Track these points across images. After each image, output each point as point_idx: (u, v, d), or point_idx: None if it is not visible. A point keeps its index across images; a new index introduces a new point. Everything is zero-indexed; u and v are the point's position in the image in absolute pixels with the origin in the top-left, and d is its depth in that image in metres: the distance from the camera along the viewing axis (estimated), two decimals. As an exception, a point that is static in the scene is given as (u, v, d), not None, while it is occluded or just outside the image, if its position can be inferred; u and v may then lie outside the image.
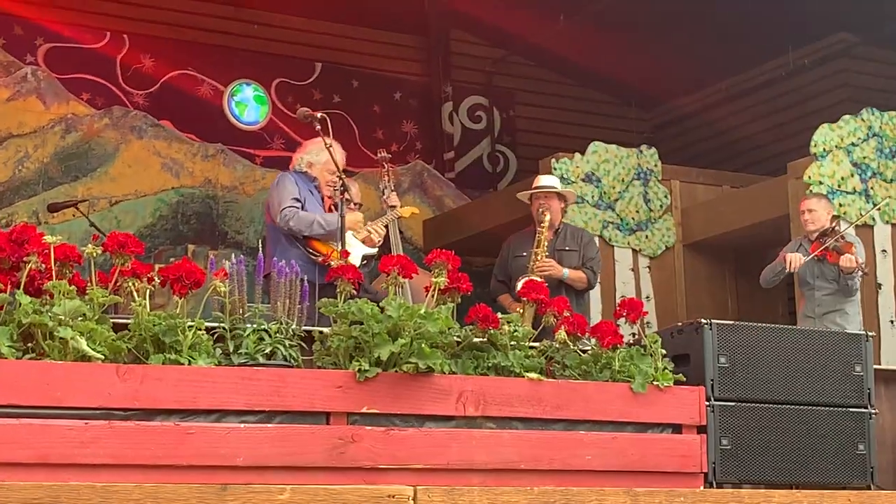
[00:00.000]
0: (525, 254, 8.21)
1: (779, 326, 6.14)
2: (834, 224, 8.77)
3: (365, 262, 7.22)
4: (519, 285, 6.88)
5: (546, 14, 14.12)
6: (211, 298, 4.60)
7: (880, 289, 10.93)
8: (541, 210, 8.21)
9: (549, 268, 7.93)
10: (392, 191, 8.13)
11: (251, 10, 13.87)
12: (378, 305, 4.63)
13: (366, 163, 12.41)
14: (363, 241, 7.34)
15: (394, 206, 7.97)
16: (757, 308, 11.58)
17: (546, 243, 8.10)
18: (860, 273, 8.57)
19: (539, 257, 7.98)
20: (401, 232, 8.78)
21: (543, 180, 8.53)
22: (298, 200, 7.22)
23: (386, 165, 8.53)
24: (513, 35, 14.86)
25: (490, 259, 9.78)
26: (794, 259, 8.56)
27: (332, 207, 7.39)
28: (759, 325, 5.57)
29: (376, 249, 7.41)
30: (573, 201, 9.41)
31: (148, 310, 4.41)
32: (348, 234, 7.11)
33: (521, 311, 5.23)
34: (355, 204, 7.55)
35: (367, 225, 7.56)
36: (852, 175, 11.02)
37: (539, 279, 7.13)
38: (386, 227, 7.77)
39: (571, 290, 8.06)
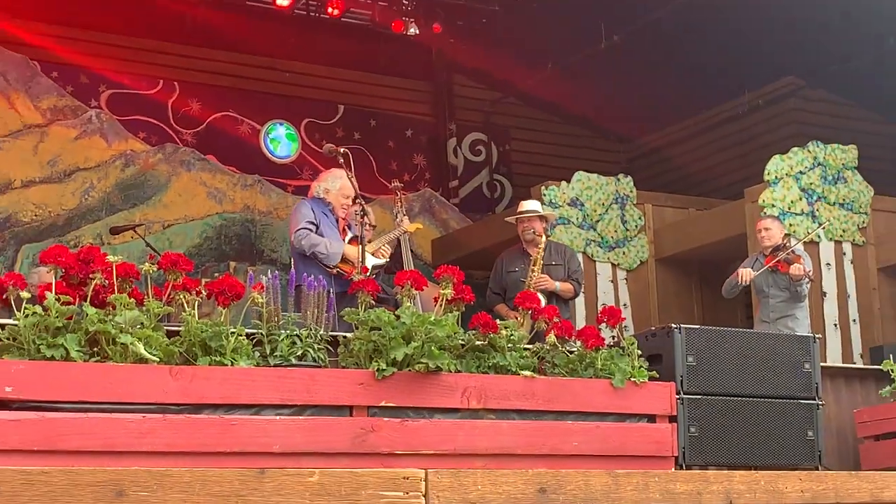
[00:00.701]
0: (517, 269, 8.20)
1: (739, 330, 6.12)
2: (785, 241, 8.81)
3: (376, 272, 7.23)
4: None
5: (535, 63, 14.18)
6: (250, 308, 4.60)
7: (825, 297, 10.93)
8: (531, 231, 8.20)
9: (545, 283, 7.93)
10: (404, 215, 8.14)
11: (283, 60, 13.93)
12: (394, 313, 4.64)
13: (382, 191, 12.37)
14: (373, 254, 7.34)
15: (406, 230, 7.99)
16: (719, 314, 11.55)
17: (540, 260, 8.10)
18: (807, 281, 8.59)
19: (536, 274, 7.98)
20: (412, 250, 8.79)
21: (527, 205, 8.52)
22: (313, 223, 7.21)
23: (398, 193, 8.59)
24: (507, 80, 14.92)
25: (485, 273, 9.76)
26: (746, 274, 8.61)
27: (346, 228, 7.41)
28: (722, 328, 5.56)
29: (385, 260, 7.41)
30: (553, 221, 9.43)
31: (196, 318, 4.40)
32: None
33: (520, 319, 5.22)
34: (371, 226, 7.55)
35: (379, 240, 7.57)
36: (800, 199, 11.02)
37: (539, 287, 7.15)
38: (397, 242, 7.77)
39: (561, 299, 8.06)
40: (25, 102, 12.80)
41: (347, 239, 7.37)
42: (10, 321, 4.16)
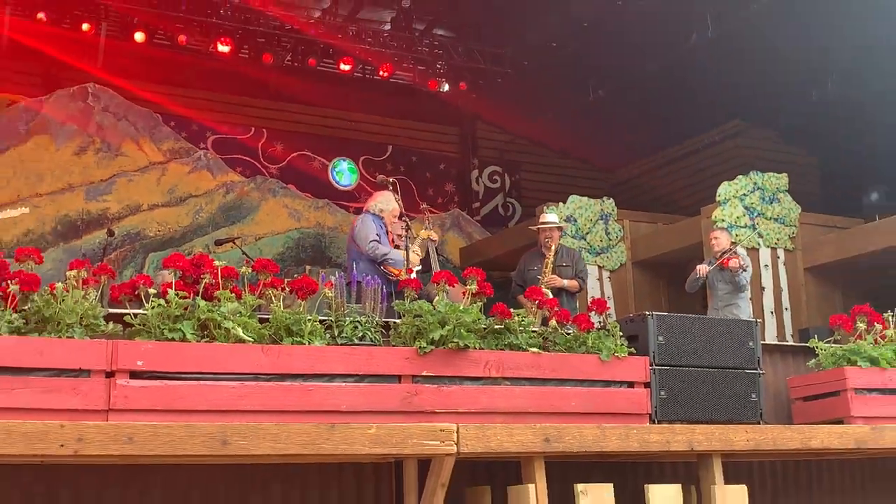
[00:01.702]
0: (535, 268, 8.10)
1: (697, 316, 6.10)
2: (731, 246, 8.81)
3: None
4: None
5: (538, 112, 14.21)
6: (322, 301, 4.61)
7: (763, 290, 10.91)
8: (548, 239, 8.10)
9: (554, 282, 7.87)
10: (430, 228, 8.06)
11: (345, 111, 14.03)
12: (431, 304, 4.66)
13: (420, 211, 12.46)
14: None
15: (434, 239, 7.92)
16: (682, 305, 11.47)
17: (551, 264, 8.07)
18: (742, 271, 8.58)
19: (547, 274, 7.95)
20: (442, 256, 8.81)
21: (548, 217, 8.34)
22: (378, 235, 7.21)
23: (426, 213, 8.76)
24: (517, 126, 14.96)
25: (504, 273, 9.75)
26: (702, 268, 8.63)
27: (395, 239, 7.38)
28: (684, 315, 5.53)
29: (420, 266, 7.37)
30: (563, 231, 9.44)
31: (281, 308, 4.43)
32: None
33: (531, 307, 5.20)
34: (412, 238, 7.51)
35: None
36: (744, 215, 11.01)
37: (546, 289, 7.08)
38: (427, 252, 7.72)
39: (569, 293, 8.01)
40: (150, 145, 12.93)
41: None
42: (141, 311, 4.19)
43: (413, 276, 6.30)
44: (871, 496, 5.99)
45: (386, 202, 7.39)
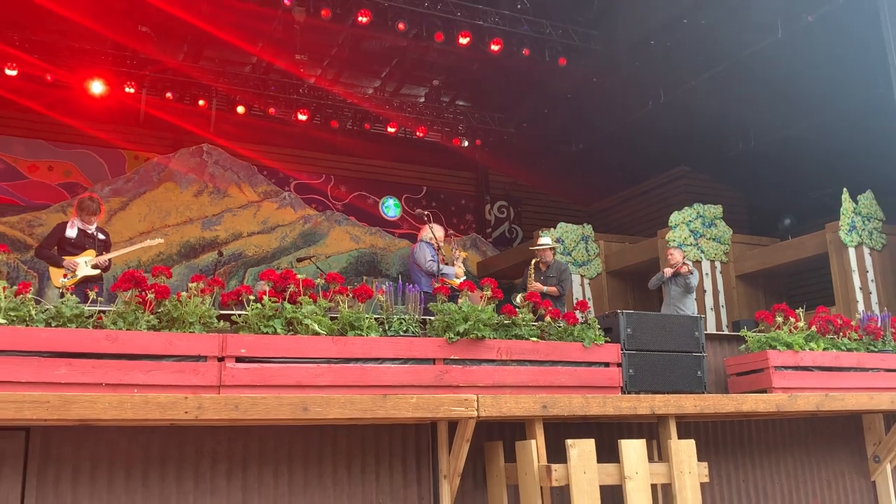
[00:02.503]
0: (531, 277, 8.09)
1: (657, 313, 6.05)
2: (682, 259, 8.74)
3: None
4: (519, 298, 6.89)
5: (534, 162, 14.22)
6: (376, 303, 4.61)
7: (706, 292, 10.80)
8: (542, 256, 7.99)
9: (535, 288, 7.77)
10: (457, 248, 8.01)
11: (391, 162, 14.09)
12: (458, 306, 4.64)
13: (447, 236, 12.47)
14: (456, 275, 7.23)
15: (465, 257, 7.89)
16: (644, 305, 11.45)
17: (537, 275, 7.95)
18: (689, 273, 8.48)
19: (531, 283, 7.88)
20: (468, 269, 8.76)
21: (542, 240, 8.25)
22: (433, 257, 7.15)
23: (452, 237, 8.74)
24: (519, 171, 14.95)
25: (510, 281, 9.75)
26: (667, 271, 8.54)
27: (443, 259, 7.34)
28: (646, 312, 5.48)
29: (465, 276, 7.25)
30: (555, 251, 9.38)
31: (346, 309, 4.42)
32: (449, 269, 7.09)
33: (523, 304, 5.12)
34: (457, 256, 7.42)
35: (458, 267, 7.38)
36: (690, 236, 10.93)
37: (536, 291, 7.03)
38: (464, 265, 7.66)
39: (552, 296, 7.94)
40: (248, 189, 13.01)
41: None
42: (243, 312, 4.21)
43: (459, 281, 6.28)
44: (787, 447, 5.92)
45: (436, 230, 7.36)
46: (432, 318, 4.70)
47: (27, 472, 3.72)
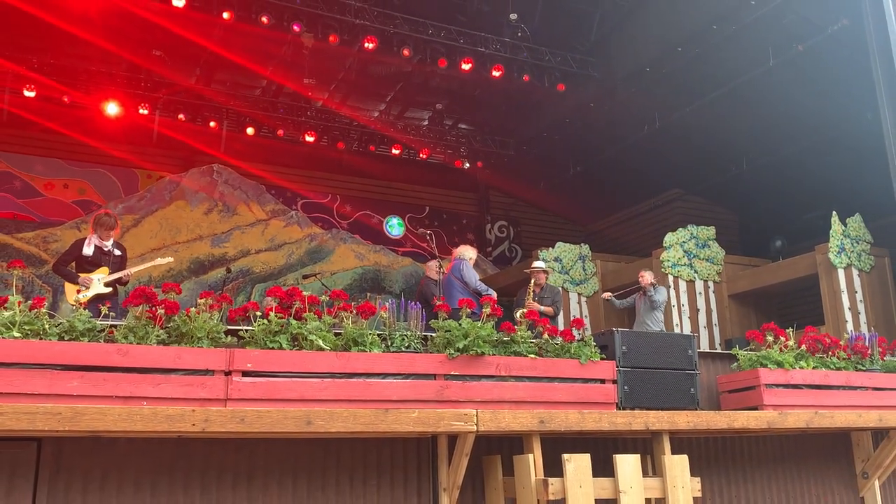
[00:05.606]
0: (526, 297, 8.13)
1: (652, 332, 6.05)
2: (652, 280, 8.74)
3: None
4: (518, 313, 6.88)
5: (532, 182, 14.25)
6: (379, 319, 4.58)
7: (699, 311, 10.79)
8: (536, 279, 8.06)
9: (532, 307, 7.79)
10: None
11: (396, 182, 14.12)
12: (458, 323, 4.62)
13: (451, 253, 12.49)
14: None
15: None
16: (632, 321, 11.48)
17: (533, 296, 8.00)
18: (653, 289, 8.56)
19: (528, 302, 7.90)
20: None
21: (536, 264, 8.36)
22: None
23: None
24: (518, 192, 14.99)
25: (509, 298, 9.73)
26: (639, 293, 8.68)
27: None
28: (640, 331, 5.49)
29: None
30: (548, 274, 9.38)
31: (350, 325, 4.41)
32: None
33: (521, 321, 5.13)
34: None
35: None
36: (684, 256, 10.93)
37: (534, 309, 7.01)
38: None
39: (547, 316, 7.94)
40: (256, 207, 13.06)
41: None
42: (250, 328, 4.20)
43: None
44: (778, 462, 5.89)
45: (470, 252, 7.40)
46: (433, 334, 4.70)
47: (38, 482, 3.72)
